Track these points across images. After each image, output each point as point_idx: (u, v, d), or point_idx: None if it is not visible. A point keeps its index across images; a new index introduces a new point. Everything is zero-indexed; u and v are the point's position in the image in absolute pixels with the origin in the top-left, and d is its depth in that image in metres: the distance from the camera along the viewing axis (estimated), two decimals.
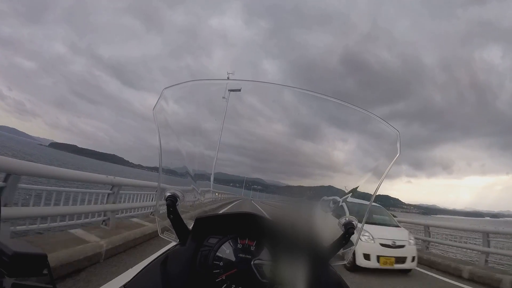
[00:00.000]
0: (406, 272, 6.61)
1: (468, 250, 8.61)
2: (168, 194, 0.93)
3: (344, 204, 1.04)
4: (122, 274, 3.78)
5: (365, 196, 1.00)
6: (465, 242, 8.78)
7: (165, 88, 0.91)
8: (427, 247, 9.71)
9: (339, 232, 0.94)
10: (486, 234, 7.86)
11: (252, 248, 0.89)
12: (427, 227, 10.07)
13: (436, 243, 9.68)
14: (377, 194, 0.96)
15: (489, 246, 7.73)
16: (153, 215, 7.41)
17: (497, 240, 7.86)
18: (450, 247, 9.17)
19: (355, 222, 0.94)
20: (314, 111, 1.05)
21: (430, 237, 9.83)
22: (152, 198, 8.00)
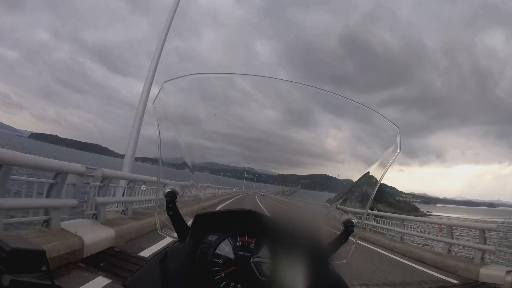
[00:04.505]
0: None
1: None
2: (168, 190, 0.95)
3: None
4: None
5: (363, 194, 1.03)
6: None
7: (165, 81, 0.93)
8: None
9: (339, 230, 0.97)
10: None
11: (252, 246, 0.91)
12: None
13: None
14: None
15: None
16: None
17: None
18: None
19: (354, 220, 0.96)
20: (309, 99, 1.06)
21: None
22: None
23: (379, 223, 12.96)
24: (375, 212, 14.24)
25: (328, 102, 1.01)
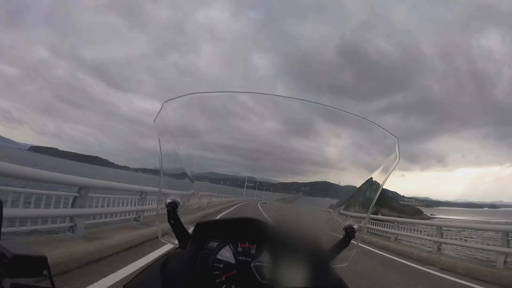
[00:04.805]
0: None
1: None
2: (169, 201, 0.97)
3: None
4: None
5: (365, 200, 1.04)
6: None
7: (166, 101, 0.95)
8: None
9: (341, 234, 0.98)
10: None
11: (252, 251, 0.91)
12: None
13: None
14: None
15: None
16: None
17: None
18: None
19: (355, 225, 0.97)
20: (308, 110, 1.08)
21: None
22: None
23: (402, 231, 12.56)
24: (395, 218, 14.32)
25: (327, 114, 1.02)
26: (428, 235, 10.77)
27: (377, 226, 13.45)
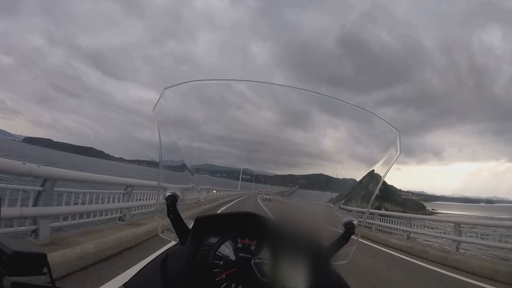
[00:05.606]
0: None
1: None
2: (168, 194, 0.97)
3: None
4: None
5: (365, 195, 1.05)
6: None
7: (165, 88, 0.94)
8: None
9: (340, 231, 0.99)
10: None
11: (252, 248, 0.92)
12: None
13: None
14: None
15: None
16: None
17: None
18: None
19: (355, 221, 0.98)
20: (306, 100, 1.08)
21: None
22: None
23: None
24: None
25: (325, 104, 1.02)
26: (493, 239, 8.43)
27: (422, 229, 11.14)
